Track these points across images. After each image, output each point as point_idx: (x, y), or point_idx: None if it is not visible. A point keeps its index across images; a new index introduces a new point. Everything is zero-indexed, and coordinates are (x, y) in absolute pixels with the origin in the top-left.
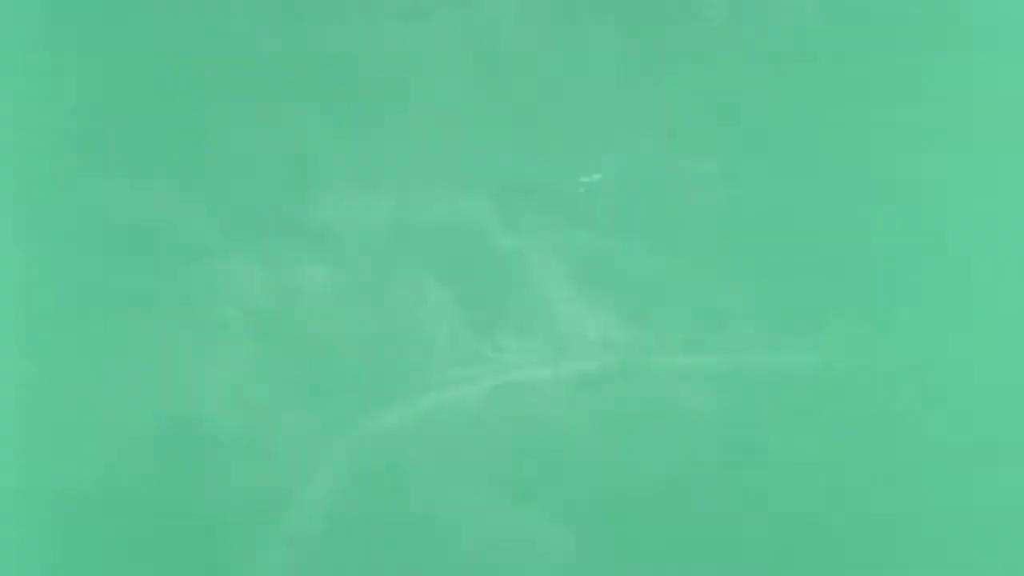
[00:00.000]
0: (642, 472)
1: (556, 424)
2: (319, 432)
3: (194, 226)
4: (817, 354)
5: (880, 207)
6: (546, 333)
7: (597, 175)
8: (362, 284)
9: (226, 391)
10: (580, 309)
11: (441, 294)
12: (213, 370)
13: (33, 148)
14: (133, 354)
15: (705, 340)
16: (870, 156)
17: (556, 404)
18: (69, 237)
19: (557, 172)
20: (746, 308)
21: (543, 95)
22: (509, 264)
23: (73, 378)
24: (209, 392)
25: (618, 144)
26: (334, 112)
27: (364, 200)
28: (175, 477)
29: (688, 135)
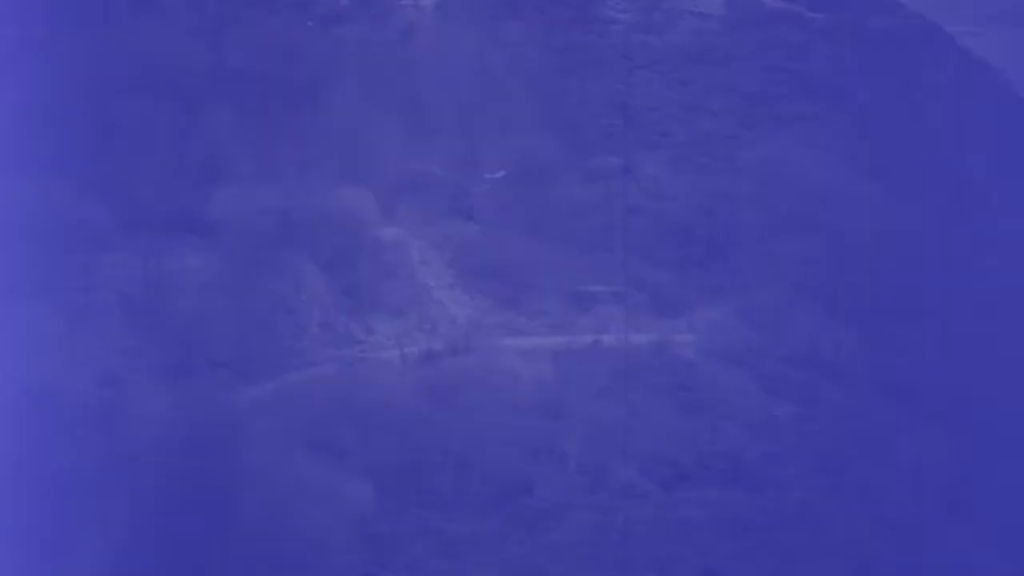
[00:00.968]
0: (452, 433)
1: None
2: (177, 405)
3: (91, 220)
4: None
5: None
6: (418, 317)
7: (501, 172)
8: (242, 273)
9: (91, 368)
10: (455, 295)
11: (320, 282)
12: (81, 349)
13: None
14: (2, 336)
15: (568, 323)
16: (762, 155)
17: (404, 378)
18: None
19: (450, 168)
20: (614, 294)
21: (446, 96)
22: (390, 254)
23: None
24: (74, 368)
25: (514, 141)
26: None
27: (254, 195)
28: (31, 442)
29: (586, 133)
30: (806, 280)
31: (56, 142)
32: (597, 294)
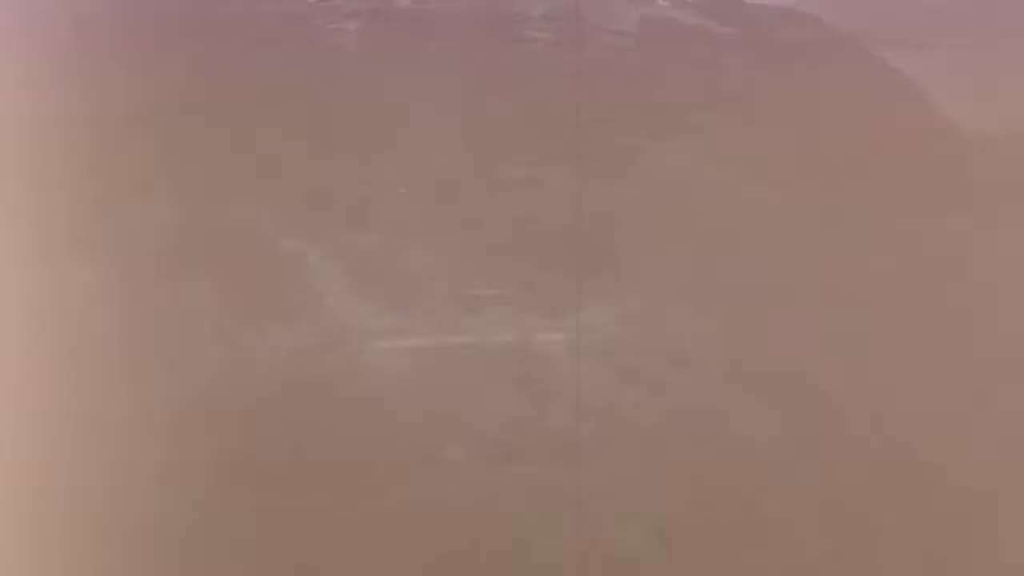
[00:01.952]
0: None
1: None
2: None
3: None
4: (540, 334)
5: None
6: (309, 324)
7: (403, 189)
8: (130, 288)
9: None
10: (347, 303)
11: (211, 294)
12: None
13: None
14: None
15: (456, 324)
16: (667, 166)
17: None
18: None
19: (354, 181)
20: (505, 297)
21: (359, 114)
22: (286, 265)
23: None
24: None
25: (422, 155)
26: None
27: (147, 209)
28: None
29: (498, 146)
30: (690, 282)
31: None
32: (486, 298)
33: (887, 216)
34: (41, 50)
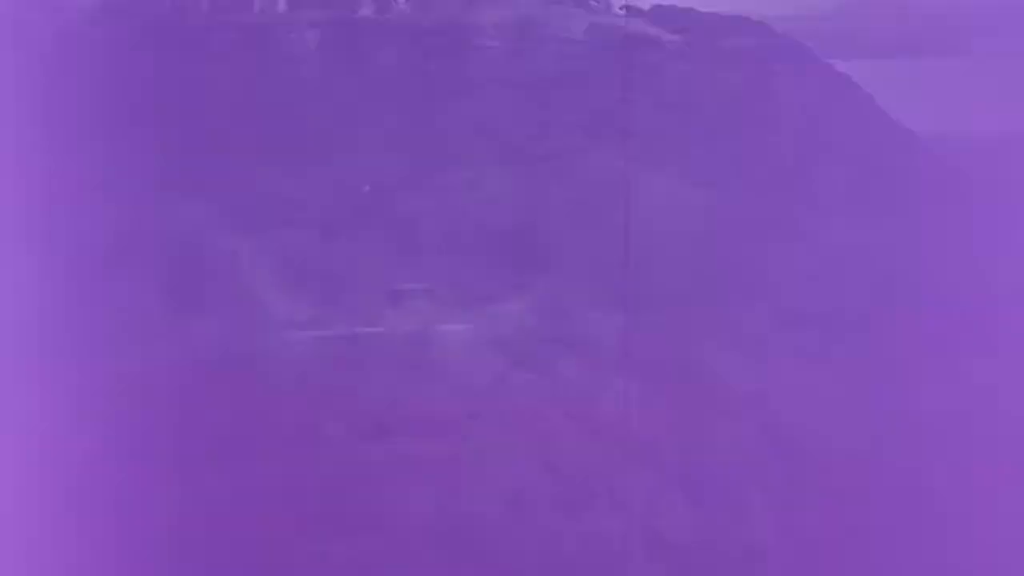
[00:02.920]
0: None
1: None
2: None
3: None
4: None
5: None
6: (239, 317)
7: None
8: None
9: None
10: (277, 295)
11: (148, 285)
12: None
13: None
14: None
15: (374, 315)
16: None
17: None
18: None
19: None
20: (425, 291)
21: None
22: (224, 261)
23: None
24: None
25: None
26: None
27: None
28: None
29: (441, 150)
30: (603, 279)
31: None
32: (409, 292)
33: (823, 217)
34: None
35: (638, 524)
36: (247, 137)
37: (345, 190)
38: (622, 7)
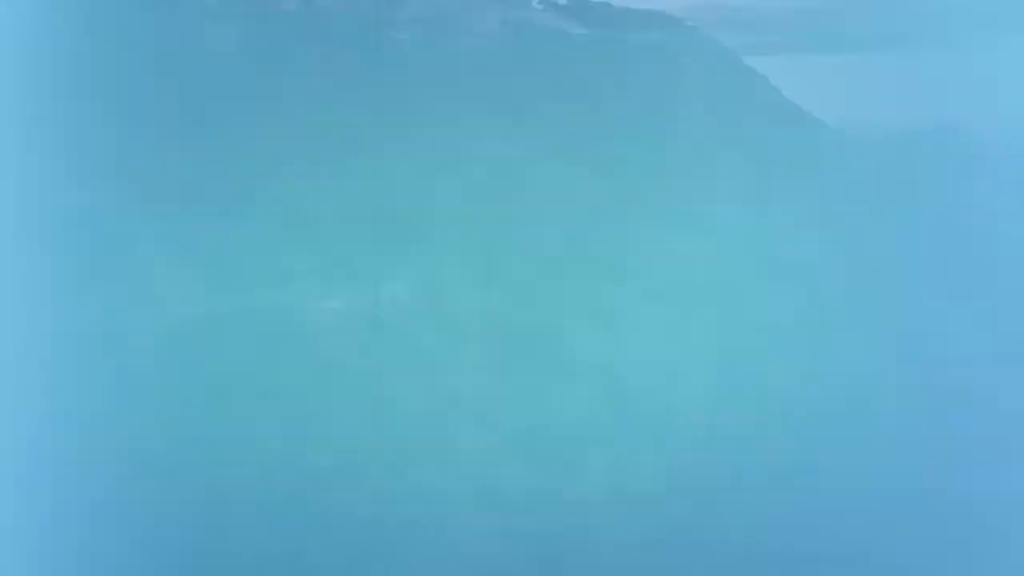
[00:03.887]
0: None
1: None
2: None
3: None
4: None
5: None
6: (134, 295)
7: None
8: None
9: None
10: (172, 275)
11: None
12: None
13: None
14: None
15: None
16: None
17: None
18: None
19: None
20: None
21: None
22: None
23: None
24: None
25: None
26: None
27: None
28: None
29: (349, 139)
30: (484, 260)
31: None
32: (297, 272)
33: (711, 203)
34: None
35: (471, 479)
36: (158, 126)
37: (242, 174)
38: (540, 2)
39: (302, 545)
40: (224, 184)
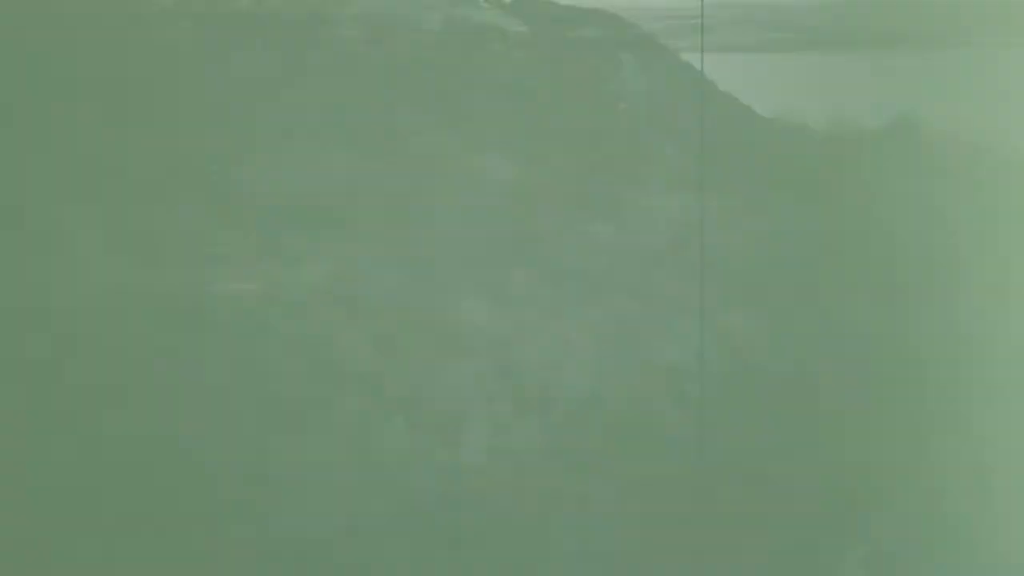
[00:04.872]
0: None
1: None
2: None
3: None
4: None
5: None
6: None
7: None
8: None
9: None
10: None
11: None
12: None
13: None
14: None
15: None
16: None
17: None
18: None
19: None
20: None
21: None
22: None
23: None
24: None
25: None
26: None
27: None
28: None
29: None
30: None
31: None
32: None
33: (637, 194)
34: None
35: (355, 447)
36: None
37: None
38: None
39: (175, 502)
40: (155, 168)
